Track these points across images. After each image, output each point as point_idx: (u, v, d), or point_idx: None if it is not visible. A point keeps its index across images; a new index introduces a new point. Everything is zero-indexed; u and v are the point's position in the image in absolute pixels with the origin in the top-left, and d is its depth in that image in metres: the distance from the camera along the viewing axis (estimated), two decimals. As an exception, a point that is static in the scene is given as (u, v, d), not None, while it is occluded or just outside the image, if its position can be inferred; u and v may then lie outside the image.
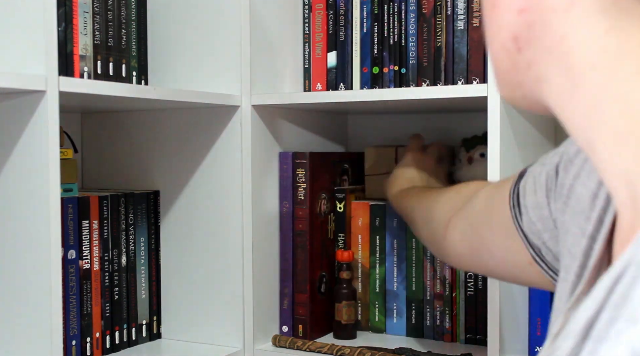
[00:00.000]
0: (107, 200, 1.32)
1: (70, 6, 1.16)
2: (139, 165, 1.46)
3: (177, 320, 1.43)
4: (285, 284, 1.41)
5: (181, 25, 1.39)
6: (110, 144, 1.50)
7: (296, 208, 1.39)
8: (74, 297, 1.25)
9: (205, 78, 1.37)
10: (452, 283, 1.37)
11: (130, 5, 1.28)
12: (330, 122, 1.60)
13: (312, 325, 1.40)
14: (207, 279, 1.39)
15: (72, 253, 1.25)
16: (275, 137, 1.41)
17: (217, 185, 1.37)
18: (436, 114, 1.56)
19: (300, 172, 1.39)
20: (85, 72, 1.19)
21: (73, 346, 1.26)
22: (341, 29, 1.41)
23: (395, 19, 1.36)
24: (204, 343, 1.40)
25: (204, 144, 1.38)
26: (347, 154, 1.53)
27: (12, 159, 1.02)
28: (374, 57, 1.38)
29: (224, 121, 1.36)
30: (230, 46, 1.34)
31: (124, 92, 1.12)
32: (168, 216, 1.44)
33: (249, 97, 1.34)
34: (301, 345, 1.35)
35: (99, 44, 1.22)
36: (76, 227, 1.26)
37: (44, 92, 0.99)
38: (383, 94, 1.25)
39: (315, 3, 1.44)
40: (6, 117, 1.02)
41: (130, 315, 1.38)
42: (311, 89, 1.45)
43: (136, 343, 1.39)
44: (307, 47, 1.45)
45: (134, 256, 1.38)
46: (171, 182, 1.43)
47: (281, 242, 1.41)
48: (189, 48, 1.38)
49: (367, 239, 1.44)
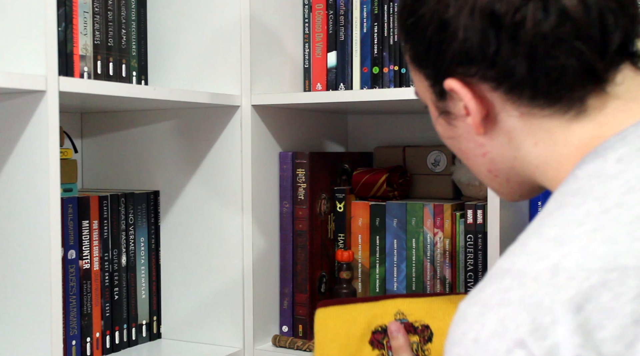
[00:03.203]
0: (107, 200, 1.32)
1: (70, 6, 1.16)
2: (139, 165, 1.46)
3: (177, 320, 1.43)
4: (285, 284, 1.41)
5: (181, 26, 1.39)
6: (110, 144, 1.50)
7: (296, 208, 1.39)
8: (74, 297, 1.25)
9: (205, 78, 1.37)
10: (452, 283, 1.37)
11: (130, 5, 1.28)
12: (330, 122, 1.60)
13: (312, 325, 1.40)
14: (207, 279, 1.39)
15: (72, 253, 1.25)
16: (275, 137, 1.41)
17: (217, 185, 1.37)
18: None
19: (300, 172, 1.39)
20: (85, 72, 1.19)
21: (73, 346, 1.26)
22: (341, 29, 1.41)
23: (395, 19, 1.36)
24: (204, 343, 1.40)
25: (204, 144, 1.38)
26: (347, 154, 1.54)
27: (12, 159, 1.02)
28: (374, 57, 1.38)
29: (224, 121, 1.36)
30: (230, 46, 1.34)
31: (124, 92, 1.12)
32: (168, 216, 1.44)
33: (249, 97, 1.34)
34: (301, 345, 1.35)
35: (99, 44, 1.22)
36: (76, 227, 1.26)
37: (44, 92, 0.99)
38: (383, 94, 1.25)
39: (315, 3, 1.44)
40: (6, 117, 1.02)
41: (130, 315, 1.38)
42: (311, 89, 1.45)
43: (136, 343, 1.39)
44: (307, 47, 1.45)
45: (134, 256, 1.38)
46: (171, 182, 1.43)
47: (281, 242, 1.41)
48: (189, 48, 1.38)
49: (367, 239, 1.44)
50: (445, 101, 0.72)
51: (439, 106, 0.73)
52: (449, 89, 0.69)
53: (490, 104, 0.68)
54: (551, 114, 0.66)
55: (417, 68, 0.74)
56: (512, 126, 0.69)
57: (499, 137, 0.70)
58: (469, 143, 0.73)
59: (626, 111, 0.65)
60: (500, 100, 0.68)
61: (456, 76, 0.68)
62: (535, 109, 0.66)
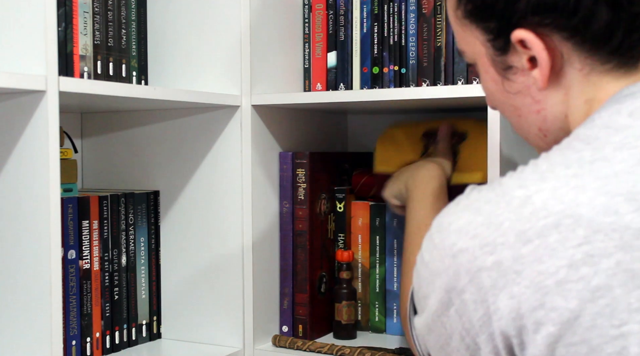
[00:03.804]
0: (107, 200, 1.32)
1: (70, 6, 1.16)
2: (139, 165, 1.46)
3: (177, 320, 1.43)
4: (285, 284, 1.41)
5: (181, 26, 1.39)
6: (110, 144, 1.50)
7: (296, 208, 1.39)
8: (74, 297, 1.25)
9: (205, 78, 1.37)
10: (452, 283, 1.37)
11: (130, 5, 1.28)
12: (330, 122, 1.60)
13: (312, 325, 1.41)
14: (207, 279, 1.39)
15: (72, 253, 1.25)
16: (275, 137, 1.41)
17: (217, 185, 1.37)
18: (436, 114, 1.56)
19: (300, 172, 1.39)
20: (85, 72, 1.19)
21: (73, 346, 1.26)
22: (341, 29, 1.41)
23: (395, 19, 1.36)
24: (204, 343, 1.40)
25: (203, 144, 1.38)
26: (347, 154, 1.53)
27: (12, 159, 1.02)
28: (374, 57, 1.38)
29: (224, 121, 1.36)
30: (230, 46, 1.34)
31: (124, 92, 1.12)
32: (168, 216, 1.44)
33: (249, 97, 1.34)
34: (301, 345, 1.35)
35: (99, 44, 1.22)
36: (76, 227, 1.26)
37: (44, 92, 0.99)
38: (383, 94, 1.25)
39: (315, 3, 1.44)
40: (6, 117, 1.02)
41: (130, 315, 1.38)
42: (311, 89, 1.45)
43: (136, 343, 1.39)
44: (307, 47, 1.45)
45: (134, 256, 1.38)
46: (171, 182, 1.43)
47: (281, 242, 1.41)
48: (189, 48, 1.38)
49: (367, 239, 1.44)
50: (507, 55, 0.71)
51: (498, 60, 0.72)
52: (518, 40, 0.68)
53: (559, 56, 0.68)
54: (609, 70, 0.67)
55: (474, 22, 0.72)
56: (571, 81, 0.69)
57: (557, 93, 0.70)
58: (525, 99, 0.73)
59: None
60: (569, 51, 0.67)
61: (526, 27, 0.67)
62: (597, 63, 0.67)
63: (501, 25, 0.69)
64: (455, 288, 0.62)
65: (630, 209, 0.57)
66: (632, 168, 0.59)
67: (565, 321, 0.57)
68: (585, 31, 0.65)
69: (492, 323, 0.60)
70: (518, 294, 0.58)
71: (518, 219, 0.60)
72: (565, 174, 0.61)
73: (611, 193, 0.58)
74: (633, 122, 0.62)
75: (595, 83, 0.68)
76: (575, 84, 0.69)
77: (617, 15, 0.64)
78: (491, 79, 0.75)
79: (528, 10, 0.66)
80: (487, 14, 0.70)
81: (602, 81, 0.68)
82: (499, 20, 0.69)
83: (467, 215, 0.63)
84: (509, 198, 0.62)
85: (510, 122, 0.79)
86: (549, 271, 0.58)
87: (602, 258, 0.56)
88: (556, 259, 0.58)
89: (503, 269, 0.59)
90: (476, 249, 0.61)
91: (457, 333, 0.63)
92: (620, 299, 0.56)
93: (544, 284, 0.58)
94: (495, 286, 0.60)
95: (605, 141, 0.62)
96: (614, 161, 0.60)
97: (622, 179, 0.59)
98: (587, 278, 0.56)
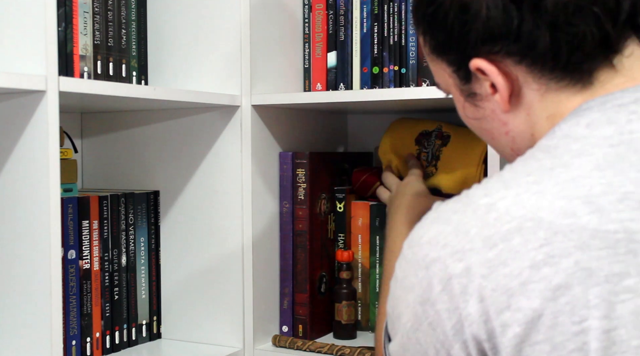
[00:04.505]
0: (107, 200, 1.32)
1: (70, 6, 1.16)
2: (139, 165, 1.46)
3: (177, 320, 1.43)
4: (285, 284, 1.41)
5: (181, 25, 1.39)
6: (110, 144, 1.50)
7: (296, 208, 1.39)
8: (74, 297, 1.25)
9: (205, 78, 1.37)
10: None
11: (130, 5, 1.28)
12: (330, 122, 1.60)
13: (312, 325, 1.41)
14: (207, 279, 1.39)
15: (72, 253, 1.25)
16: (275, 137, 1.41)
17: (217, 185, 1.37)
18: (436, 114, 1.56)
19: (300, 172, 1.39)
20: (85, 72, 1.19)
21: (73, 346, 1.26)
22: (341, 29, 1.41)
23: (395, 19, 1.36)
24: (204, 343, 1.40)
25: (204, 144, 1.38)
26: (347, 154, 1.53)
27: (12, 159, 1.02)
28: (374, 57, 1.38)
29: (223, 121, 1.36)
30: (230, 46, 1.34)
31: (124, 92, 1.12)
32: (168, 216, 1.44)
33: (249, 97, 1.34)
34: (301, 345, 1.35)
35: (99, 44, 1.22)
36: (76, 227, 1.26)
37: (44, 92, 0.99)
38: (383, 94, 1.25)
39: (315, 3, 1.44)
40: (6, 117, 1.02)
41: (130, 315, 1.38)
42: (311, 89, 1.45)
43: (136, 343, 1.39)
44: (307, 47, 1.45)
45: (134, 256, 1.38)
46: (171, 182, 1.43)
47: (281, 242, 1.41)
48: (189, 48, 1.38)
49: (367, 239, 1.44)
50: (471, 83, 0.75)
51: (464, 89, 0.76)
52: (475, 69, 0.72)
53: (515, 79, 0.72)
54: (564, 86, 0.70)
55: (438, 57, 0.77)
56: (531, 101, 0.72)
57: (520, 114, 0.74)
58: (493, 123, 0.77)
59: (626, 87, 0.69)
60: (523, 74, 0.71)
61: (481, 56, 0.71)
62: (552, 81, 0.70)
63: (460, 56, 0.74)
64: (429, 299, 0.64)
65: (587, 211, 0.60)
66: (589, 173, 0.62)
67: (530, 321, 0.59)
68: (532, 54, 0.69)
69: (464, 329, 0.62)
70: (486, 297, 0.60)
71: (484, 225, 0.62)
72: (526, 181, 0.64)
73: (569, 197, 0.61)
74: (590, 132, 0.65)
75: (553, 100, 0.71)
76: (535, 103, 0.72)
77: (557, 37, 0.67)
78: (462, 107, 0.80)
79: (478, 40, 0.70)
80: (447, 47, 0.75)
81: (561, 98, 0.70)
82: (457, 52, 0.74)
83: (436, 226, 0.65)
84: (475, 207, 0.64)
85: (489, 144, 0.85)
86: (513, 273, 0.60)
87: (562, 258, 0.59)
88: (519, 261, 0.60)
89: (472, 274, 0.61)
90: (447, 258, 0.63)
91: (432, 346, 0.64)
92: (580, 296, 0.58)
93: (509, 286, 0.60)
94: (465, 291, 0.61)
95: (564, 149, 0.65)
96: (572, 167, 0.63)
97: (580, 184, 0.61)
98: (549, 277, 0.59)
